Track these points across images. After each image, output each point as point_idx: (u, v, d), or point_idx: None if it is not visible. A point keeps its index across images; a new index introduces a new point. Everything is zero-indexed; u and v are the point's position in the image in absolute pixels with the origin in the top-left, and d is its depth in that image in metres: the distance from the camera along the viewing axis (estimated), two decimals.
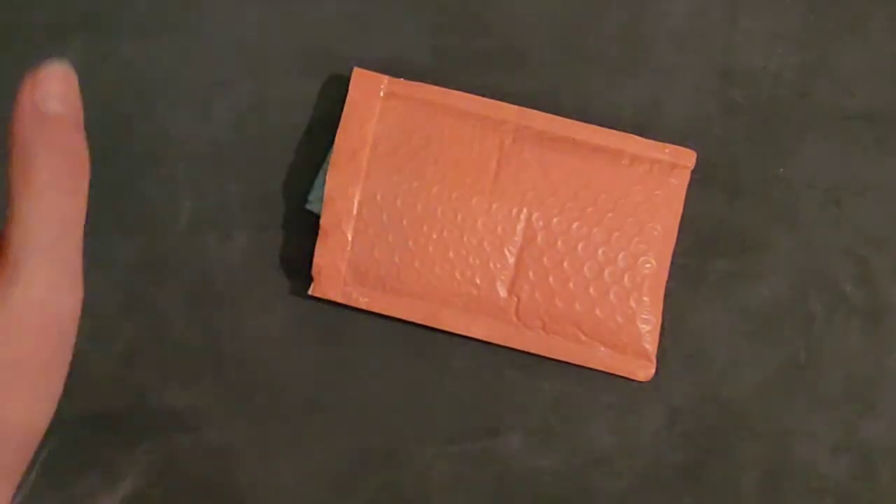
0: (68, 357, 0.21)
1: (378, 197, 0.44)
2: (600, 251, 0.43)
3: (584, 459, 0.45)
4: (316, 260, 0.43)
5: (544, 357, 0.44)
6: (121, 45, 0.46)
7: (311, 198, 0.45)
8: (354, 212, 0.44)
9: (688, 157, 0.44)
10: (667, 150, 0.44)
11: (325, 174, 0.44)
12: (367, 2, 0.47)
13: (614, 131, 0.44)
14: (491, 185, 0.44)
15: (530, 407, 0.45)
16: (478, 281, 0.43)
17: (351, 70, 0.45)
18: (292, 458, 0.44)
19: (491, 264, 0.43)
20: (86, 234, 0.22)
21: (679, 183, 0.44)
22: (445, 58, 0.46)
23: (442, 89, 0.44)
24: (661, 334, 0.44)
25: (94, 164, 0.45)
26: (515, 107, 0.44)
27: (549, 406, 0.45)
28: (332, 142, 0.44)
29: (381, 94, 0.44)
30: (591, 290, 0.43)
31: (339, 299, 0.44)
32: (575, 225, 0.44)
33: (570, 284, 0.43)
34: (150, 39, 0.46)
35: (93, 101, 0.46)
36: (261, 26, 0.46)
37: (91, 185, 0.20)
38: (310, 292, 0.43)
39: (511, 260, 0.44)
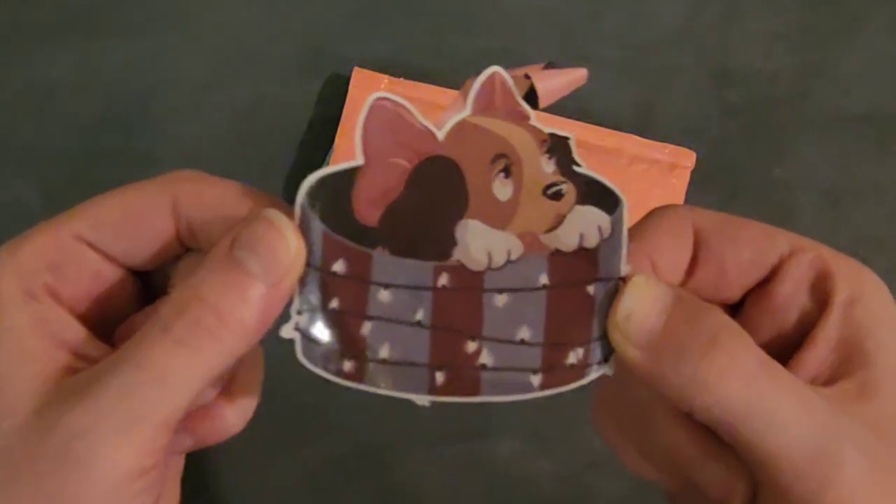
0: None
1: None
2: None
3: (581, 461, 0.44)
4: None
5: None
6: (118, 44, 0.46)
7: None
8: None
9: (687, 157, 0.44)
10: (666, 151, 0.44)
11: None
12: (366, 2, 0.47)
13: (614, 131, 0.44)
14: None
15: (526, 409, 0.45)
16: None
17: (351, 70, 0.45)
18: (285, 460, 0.44)
19: None
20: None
21: (678, 183, 0.44)
22: (445, 58, 0.46)
23: (442, 89, 0.44)
24: None
25: (91, 164, 0.45)
26: None
27: (545, 408, 0.44)
28: (332, 142, 0.44)
29: None
30: None
31: None
32: None
33: None
34: (147, 39, 0.46)
35: (90, 101, 0.46)
36: (260, 26, 0.46)
37: (88, 186, 0.20)
38: None
39: None
